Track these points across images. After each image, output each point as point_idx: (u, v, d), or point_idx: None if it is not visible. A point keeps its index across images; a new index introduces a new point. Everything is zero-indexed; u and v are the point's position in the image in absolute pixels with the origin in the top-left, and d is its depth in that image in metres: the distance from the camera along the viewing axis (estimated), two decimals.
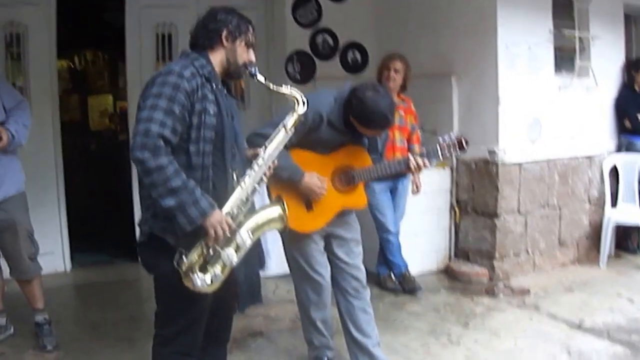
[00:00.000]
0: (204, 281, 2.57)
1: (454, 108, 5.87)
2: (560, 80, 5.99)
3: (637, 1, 6.72)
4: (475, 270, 5.66)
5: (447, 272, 5.82)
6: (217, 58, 2.76)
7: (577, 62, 6.06)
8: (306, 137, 3.38)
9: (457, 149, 3.51)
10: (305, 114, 3.16)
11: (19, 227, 4.09)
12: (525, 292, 5.28)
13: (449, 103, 5.90)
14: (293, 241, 3.61)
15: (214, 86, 2.68)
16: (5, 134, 3.95)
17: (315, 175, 3.42)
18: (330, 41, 6.65)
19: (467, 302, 5.10)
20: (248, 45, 2.82)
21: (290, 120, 2.83)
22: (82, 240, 6.35)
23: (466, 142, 3.51)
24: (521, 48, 5.64)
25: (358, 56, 6.79)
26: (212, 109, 2.63)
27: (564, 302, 5.03)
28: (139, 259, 2.78)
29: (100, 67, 9.64)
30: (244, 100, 6.52)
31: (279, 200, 2.89)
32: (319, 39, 6.60)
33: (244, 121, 2.83)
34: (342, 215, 3.59)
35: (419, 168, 3.48)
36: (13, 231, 4.08)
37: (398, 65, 5.13)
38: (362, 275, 3.74)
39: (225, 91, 2.80)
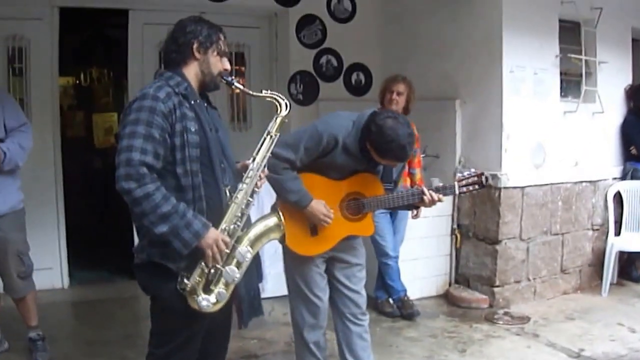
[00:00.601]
0: (208, 301, 2.58)
1: (457, 132, 5.85)
2: (566, 105, 5.96)
3: None
4: (475, 297, 5.61)
5: (447, 298, 5.77)
6: (191, 72, 2.73)
7: (584, 87, 6.03)
8: (319, 161, 3.34)
9: (476, 185, 3.43)
10: (320, 138, 3.21)
11: (9, 246, 4.08)
12: (525, 319, 5.22)
13: (452, 127, 5.88)
14: (294, 262, 3.55)
15: (193, 102, 2.65)
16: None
17: (322, 203, 3.33)
18: (335, 62, 6.68)
19: (466, 328, 5.05)
20: (221, 54, 2.79)
21: (274, 126, 2.80)
22: (81, 257, 6.35)
23: (486, 179, 3.43)
24: (527, 72, 5.62)
25: (362, 78, 6.81)
26: (193, 126, 2.60)
27: (564, 331, 4.97)
28: (137, 281, 2.75)
29: (106, 85, 9.70)
30: (245, 120, 6.52)
31: (274, 210, 2.89)
32: (323, 59, 6.62)
33: (245, 142, 2.82)
34: (347, 239, 3.52)
35: (432, 202, 3.38)
36: (3, 249, 4.07)
37: (401, 87, 5.04)
38: (363, 301, 3.68)
39: (205, 104, 2.78)
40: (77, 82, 9.68)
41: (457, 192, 3.44)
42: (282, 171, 3.28)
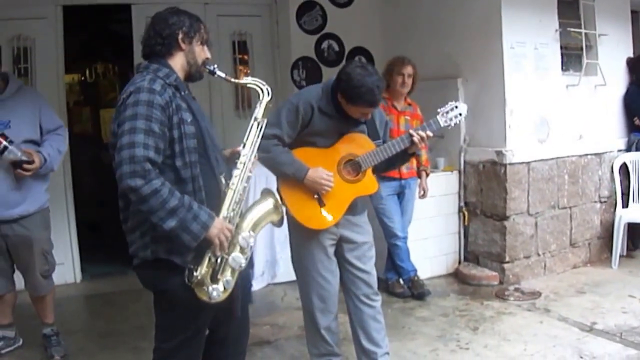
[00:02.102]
0: (217, 290, 2.53)
1: None
2: (568, 79, 5.87)
3: None
4: (486, 274, 5.53)
5: (457, 276, 5.70)
6: (177, 63, 2.65)
7: (585, 60, 5.93)
8: (304, 133, 3.35)
9: (459, 114, 3.45)
10: (296, 108, 3.26)
11: (35, 244, 4.04)
12: (536, 294, 5.14)
13: None
14: (300, 245, 3.51)
15: (182, 93, 2.59)
16: (38, 157, 3.88)
17: (320, 168, 3.32)
18: (336, 47, 6.60)
19: (477, 306, 4.98)
20: (203, 42, 2.72)
21: (260, 111, 2.76)
22: (93, 251, 6.30)
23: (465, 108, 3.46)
24: (527, 48, 5.54)
25: (364, 61, 6.68)
26: (188, 117, 2.54)
27: (575, 305, 4.89)
28: (140, 280, 2.69)
29: (112, 80, 9.62)
30: (250, 108, 6.43)
31: (269, 192, 2.85)
32: (324, 44, 6.55)
33: (244, 128, 2.75)
34: (353, 214, 3.48)
35: (422, 139, 3.37)
36: (28, 247, 4.02)
37: (410, 70, 5.08)
38: (374, 280, 3.61)
39: (191, 96, 2.71)
40: (83, 78, 9.60)
41: (442, 124, 3.44)
42: (273, 147, 3.28)
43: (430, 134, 3.39)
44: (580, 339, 4.24)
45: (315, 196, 3.35)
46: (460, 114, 3.46)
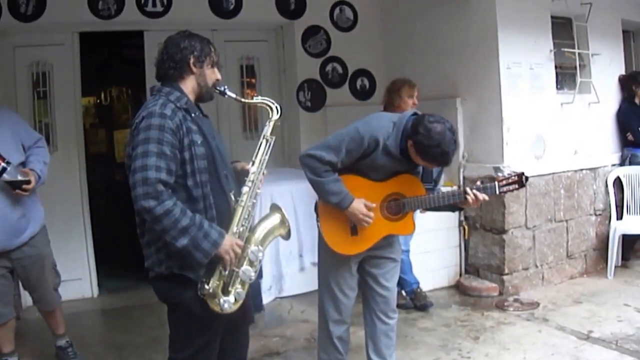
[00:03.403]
0: (229, 302, 2.59)
1: (459, 128, 5.77)
2: (563, 97, 5.91)
3: (635, 17, 6.67)
4: (486, 285, 5.54)
5: (458, 288, 5.71)
6: (189, 86, 2.71)
7: (578, 79, 5.97)
8: (360, 162, 3.26)
9: (516, 185, 3.30)
10: (362, 139, 3.14)
11: (46, 260, 4.06)
12: (534, 305, 5.16)
13: (454, 124, 5.71)
14: (328, 260, 3.49)
15: (193, 115, 2.64)
16: (33, 175, 3.82)
17: (363, 202, 3.25)
18: (340, 69, 6.66)
19: (478, 316, 4.99)
20: (213, 65, 2.77)
21: (269, 129, 2.80)
22: (109, 267, 6.35)
23: (526, 179, 3.31)
24: (523, 68, 5.57)
25: (366, 83, 6.79)
26: (198, 138, 2.59)
27: (573, 314, 4.91)
28: (155, 292, 2.73)
29: (125, 102, 9.71)
30: (257, 129, 6.50)
31: (276, 207, 2.88)
32: (329, 67, 6.61)
33: (252, 150, 2.80)
34: (385, 237, 3.44)
35: (476, 202, 3.24)
36: (40, 265, 4.03)
37: (417, 92, 5.09)
38: (393, 298, 3.59)
39: (201, 114, 2.76)
40: (98, 101, 9.70)
41: (497, 192, 3.29)
42: (324, 173, 3.22)
43: (487, 198, 3.27)
44: (578, 347, 4.26)
45: (351, 224, 3.32)
46: (518, 187, 3.31)
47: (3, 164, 3.64)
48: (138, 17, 5.79)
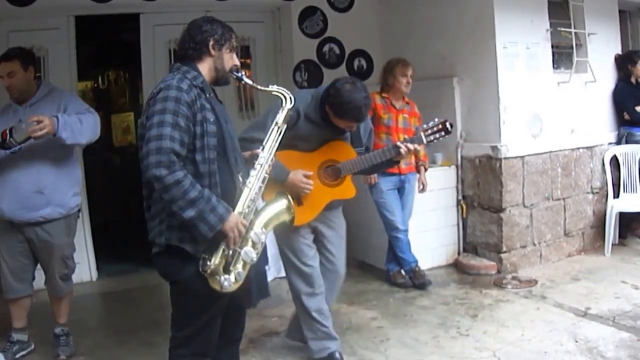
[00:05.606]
0: (229, 281, 2.59)
1: (456, 108, 5.75)
2: (559, 76, 5.88)
3: None
4: (484, 263, 5.53)
5: (457, 266, 5.71)
6: (205, 67, 2.74)
7: (575, 58, 5.94)
8: (287, 136, 3.24)
9: (442, 132, 3.48)
10: None
11: (55, 250, 3.97)
12: (532, 282, 5.15)
13: (451, 104, 5.77)
14: (282, 237, 3.63)
15: (208, 95, 2.66)
16: (50, 119, 3.58)
17: (300, 172, 3.43)
18: (337, 50, 6.59)
19: (476, 294, 4.98)
20: (232, 50, 2.81)
21: (281, 117, 2.85)
22: (107, 250, 6.33)
23: (451, 125, 3.49)
24: (519, 48, 5.55)
25: (364, 63, 6.72)
26: (210, 116, 2.61)
27: (570, 291, 4.90)
28: (156, 268, 2.72)
29: (122, 86, 9.64)
30: (253, 109, 6.46)
31: (283, 194, 2.93)
32: (326, 48, 6.54)
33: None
34: (328, 209, 3.60)
35: (409, 152, 3.48)
36: (49, 253, 3.97)
37: (411, 71, 5.13)
38: (342, 272, 3.86)
39: (216, 98, 2.78)
40: (96, 85, 9.62)
41: (424, 141, 3.48)
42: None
43: (418, 147, 3.50)
44: (575, 323, 4.25)
45: (295, 197, 3.35)
46: (444, 134, 3.50)
47: (8, 135, 3.55)
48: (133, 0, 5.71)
